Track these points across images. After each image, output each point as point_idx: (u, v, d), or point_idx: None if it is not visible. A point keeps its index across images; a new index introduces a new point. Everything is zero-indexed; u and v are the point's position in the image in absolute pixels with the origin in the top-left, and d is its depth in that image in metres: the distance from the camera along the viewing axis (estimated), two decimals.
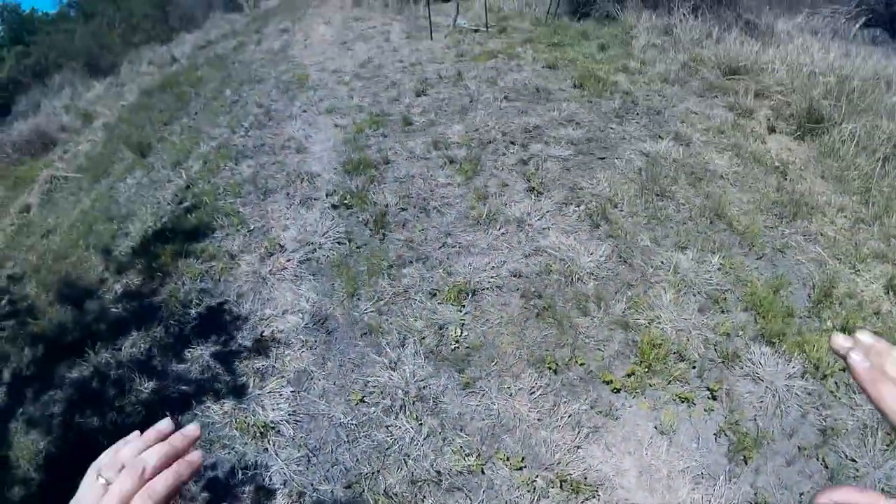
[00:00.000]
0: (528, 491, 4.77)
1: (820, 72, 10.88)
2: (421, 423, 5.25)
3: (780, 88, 10.66)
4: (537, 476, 4.85)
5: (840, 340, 1.07)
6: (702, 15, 14.31)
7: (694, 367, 5.66)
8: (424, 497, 4.78)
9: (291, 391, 5.67)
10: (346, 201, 7.94)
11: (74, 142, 15.48)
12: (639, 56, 12.45)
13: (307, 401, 5.58)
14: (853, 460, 5.00)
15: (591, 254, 6.82)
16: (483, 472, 4.91)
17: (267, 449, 5.21)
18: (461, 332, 6.02)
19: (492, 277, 6.61)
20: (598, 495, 4.76)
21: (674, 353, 5.77)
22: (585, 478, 4.85)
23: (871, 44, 15.48)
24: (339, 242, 7.31)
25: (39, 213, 11.33)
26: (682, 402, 5.39)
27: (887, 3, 16.94)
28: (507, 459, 4.97)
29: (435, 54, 13.53)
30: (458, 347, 5.90)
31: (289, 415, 5.45)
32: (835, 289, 6.47)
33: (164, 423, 1.18)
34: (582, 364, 5.69)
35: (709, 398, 5.44)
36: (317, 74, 13.03)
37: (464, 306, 6.31)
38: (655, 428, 5.21)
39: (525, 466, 4.94)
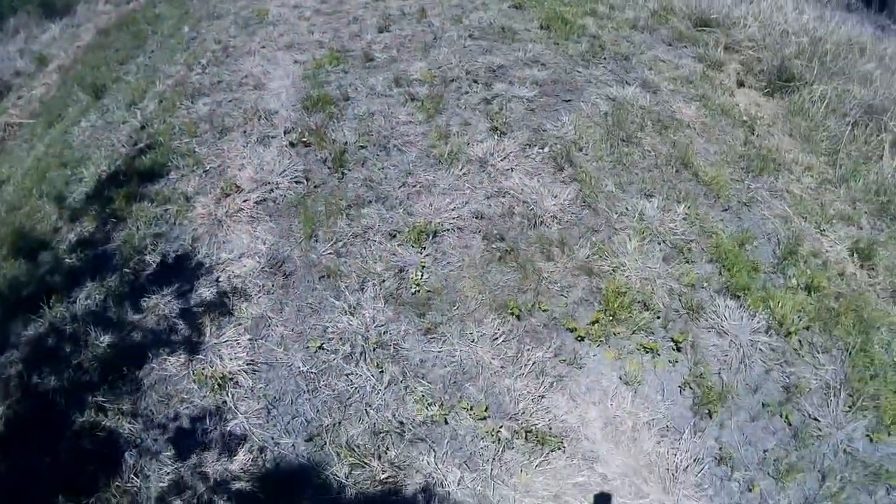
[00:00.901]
0: (493, 441, 4.76)
1: (793, 31, 10.83)
2: (382, 371, 5.19)
3: (752, 44, 10.58)
4: (501, 426, 4.83)
5: None
6: None
7: (658, 318, 5.65)
8: (388, 448, 4.74)
9: (249, 339, 5.56)
10: (304, 139, 7.74)
11: (28, 87, 15.04)
12: (607, 1, 12.24)
13: (265, 349, 5.48)
14: (816, 419, 5.06)
15: (555, 197, 6.72)
16: (446, 422, 4.88)
17: (226, 402, 5.11)
18: (422, 276, 5.95)
19: (453, 218, 6.51)
20: (564, 447, 4.76)
21: (638, 301, 5.74)
22: (550, 428, 4.84)
23: (845, 10, 15.42)
24: (296, 182, 7.14)
25: None
26: (647, 352, 5.38)
27: None
28: (471, 409, 4.94)
29: None
30: (419, 291, 5.82)
31: (247, 364, 5.34)
32: (800, 247, 6.47)
33: None
34: (545, 310, 5.65)
35: (673, 349, 5.44)
36: (277, 10, 12.64)
37: (424, 248, 6.21)
38: (620, 378, 5.21)
39: (489, 416, 4.91)
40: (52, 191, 7.91)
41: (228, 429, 4.94)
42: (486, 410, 4.91)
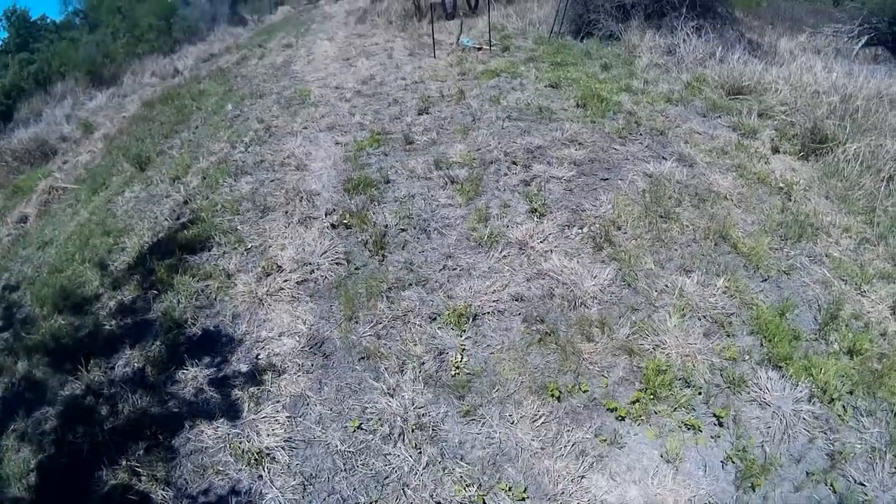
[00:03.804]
0: None
1: (823, 91, 10.84)
2: (420, 452, 5.14)
3: (784, 108, 10.64)
4: None
5: None
6: (704, 35, 14.23)
7: (700, 393, 5.56)
8: None
9: (287, 416, 5.55)
10: (345, 221, 7.84)
11: (74, 152, 15.44)
12: (642, 76, 12.40)
13: (303, 427, 5.47)
14: (861, 484, 4.93)
15: (595, 277, 6.71)
16: (484, 503, 4.79)
17: (262, 476, 5.09)
18: (462, 358, 5.92)
19: (493, 301, 6.50)
20: None
21: (679, 378, 5.66)
22: None
23: (873, 62, 15.49)
24: (337, 263, 7.22)
25: (37, 223, 11.27)
26: (689, 429, 5.28)
27: (889, 22, 16.95)
28: (509, 489, 4.86)
29: (437, 72, 13.51)
30: (459, 373, 5.79)
31: (284, 441, 5.33)
32: (841, 310, 6.37)
33: None
34: (585, 391, 5.59)
35: (715, 424, 5.34)
36: (318, 90, 13.01)
37: (464, 331, 6.20)
38: (661, 456, 5.11)
39: (527, 497, 4.83)
40: (94, 257, 8.13)
41: (263, 502, 4.92)
42: (524, 491, 4.85)
